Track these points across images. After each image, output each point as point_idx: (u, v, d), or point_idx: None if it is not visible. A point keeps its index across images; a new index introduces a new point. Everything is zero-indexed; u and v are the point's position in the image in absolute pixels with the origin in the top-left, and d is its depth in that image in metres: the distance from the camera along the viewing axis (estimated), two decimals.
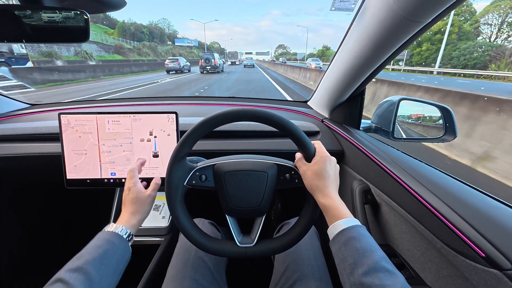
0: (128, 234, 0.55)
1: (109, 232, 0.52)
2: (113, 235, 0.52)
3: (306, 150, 0.54)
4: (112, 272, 0.47)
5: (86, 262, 0.44)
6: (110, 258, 0.48)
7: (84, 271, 0.43)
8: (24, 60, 14.96)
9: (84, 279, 0.42)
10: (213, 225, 0.83)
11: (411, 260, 0.60)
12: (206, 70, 21.27)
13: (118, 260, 0.50)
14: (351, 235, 0.43)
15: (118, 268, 0.49)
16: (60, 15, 0.55)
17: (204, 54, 22.91)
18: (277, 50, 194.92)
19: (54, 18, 0.55)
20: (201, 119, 0.53)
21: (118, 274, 0.49)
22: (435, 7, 0.48)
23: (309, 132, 0.99)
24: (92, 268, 0.44)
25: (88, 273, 0.43)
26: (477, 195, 0.51)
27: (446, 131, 0.88)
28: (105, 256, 0.47)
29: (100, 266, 0.45)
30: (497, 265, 0.38)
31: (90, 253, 0.47)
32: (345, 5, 0.85)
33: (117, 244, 0.51)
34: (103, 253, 0.47)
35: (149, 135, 0.83)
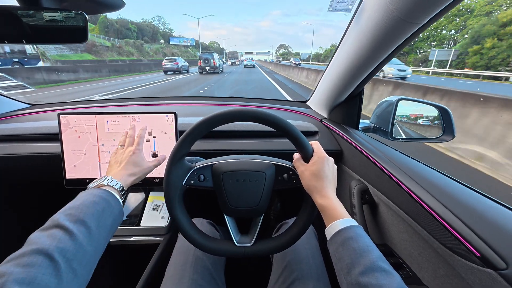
0: (122, 189, 0.54)
1: (105, 190, 0.50)
2: (109, 195, 0.49)
3: (304, 150, 0.54)
4: (107, 231, 0.46)
5: (86, 216, 0.42)
6: (106, 217, 0.46)
7: (85, 224, 0.41)
8: (36, 60, 15.80)
9: (85, 231, 0.40)
10: (211, 224, 0.83)
11: (409, 259, 0.60)
12: (205, 71, 20.59)
13: (113, 220, 0.48)
14: (348, 235, 0.43)
15: (112, 229, 0.48)
16: (59, 16, 0.55)
17: (203, 54, 22.15)
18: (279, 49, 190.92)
19: (53, 19, 0.55)
20: (200, 119, 0.53)
21: (111, 234, 0.48)
22: (431, 8, 0.48)
23: (307, 132, 1.00)
24: (92, 222, 0.42)
25: (89, 226, 0.41)
26: (473, 195, 0.51)
27: (444, 131, 0.88)
28: (103, 215, 0.45)
29: (98, 223, 0.43)
30: (492, 265, 0.38)
31: (88, 207, 0.44)
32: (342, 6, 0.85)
33: (113, 204, 0.49)
34: (101, 210, 0.45)
35: (147, 135, 0.83)
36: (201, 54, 22.67)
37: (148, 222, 0.94)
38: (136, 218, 0.96)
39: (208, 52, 27.71)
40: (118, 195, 0.52)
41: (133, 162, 0.60)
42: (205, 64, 20.52)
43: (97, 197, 0.47)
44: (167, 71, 20.64)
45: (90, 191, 0.49)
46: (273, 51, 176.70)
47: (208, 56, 20.88)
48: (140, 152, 0.62)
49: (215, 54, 22.41)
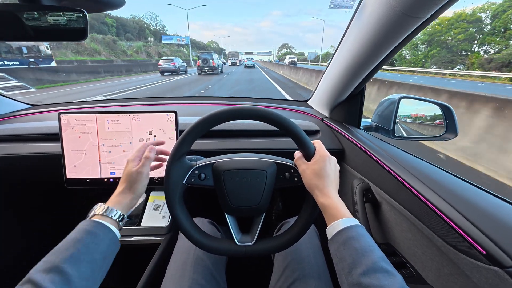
0: (119, 215, 0.50)
1: (90, 221, 0.46)
2: (96, 225, 0.45)
3: (306, 149, 0.54)
4: (97, 268, 0.42)
5: (62, 260, 0.38)
6: (92, 252, 0.42)
7: (60, 270, 0.37)
8: (49, 59, 16.60)
9: (60, 280, 0.36)
10: (212, 224, 0.83)
11: (412, 258, 0.59)
12: (204, 71, 19.50)
13: (104, 253, 0.44)
14: (349, 234, 0.42)
15: (104, 263, 0.44)
16: (58, 14, 0.55)
17: (202, 54, 20.93)
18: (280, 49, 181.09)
19: (52, 17, 0.55)
20: (200, 117, 0.53)
21: (104, 269, 0.44)
22: (434, 3, 0.47)
23: (309, 131, 0.99)
24: (69, 266, 0.38)
25: (65, 272, 0.37)
26: (477, 192, 0.51)
27: (447, 129, 0.88)
28: (86, 251, 0.41)
29: (79, 264, 0.39)
30: (498, 262, 0.38)
31: (67, 248, 0.41)
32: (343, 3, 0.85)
33: (101, 236, 0.45)
34: (83, 248, 0.41)
35: (148, 134, 0.83)
36: (199, 54, 21.80)
37: (148, 222, 0.94)
38: (137, 218, 0.96)
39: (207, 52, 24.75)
40: (111, 222, 0.48)
41: (124, 176, 0.55)
42: (204, 64, 19.47)
43: (81, 232, 0.44)
44: (163, 72, 19.75)
45: (79, 226, 0.45)
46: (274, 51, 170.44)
47: (207, 56, 19.79)
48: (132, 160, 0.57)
49: (215, 54, 21.39)
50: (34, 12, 0.54)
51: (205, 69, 19.48)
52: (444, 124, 0.88)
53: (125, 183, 0.55)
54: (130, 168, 0.56)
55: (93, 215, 0.49)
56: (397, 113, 0.90)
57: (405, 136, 0.97)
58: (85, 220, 0.47)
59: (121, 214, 0.50)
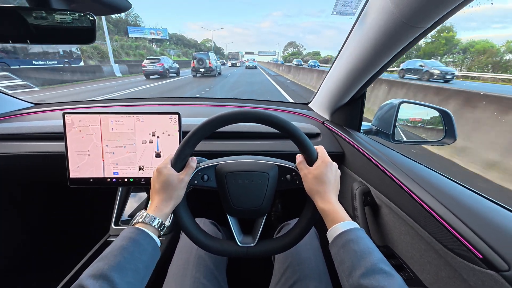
0: (160, 223, 0.50)
1: (135, 229, 0.46)
2: (140, 233, 0.46)
3: (308, 153, 0.55)
4: (139, 278, 0.42)
5: (110, 268, 0.39)
6: (136, 261, 0.42)
7: (108, 278, 0.38)
8: (79, 60, 19.06)
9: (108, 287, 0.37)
10: (214, 224, 0.84)
11: (410, 261, 0.60)
12: (200, 73, 17.10)
13: (146, 262, 0.44)
14: (349, 237, 0.43)
15: (146, 272, 0.44)
16: (67, 17, 0.56)
17: (197, 53, 17.89)
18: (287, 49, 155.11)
19: (61, 20, 0.56)
20: (204, 119, 0.53)
21: (146, 278, 0.44)
22: (434, 13, 0.49)
23: (310, 134, 1.00)
24: (116, 274, 0.39)
25: (112, 280, 0.38)
26: (475, 197, 0.52)
27: (446, 134, 0.89)
28: (131, 260, 0.42)
29: (125, 272, 0.40)
30: (494, 266, 0.39)
31: (115, 255, 0.41)
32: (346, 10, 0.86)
33: (144, 245, 0.45)
34: (129, 256, 0.42)
35: (151, 136, 0.84)
36: (195, 53, 18.30)
37: None
38: None
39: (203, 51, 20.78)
40: (152, 231, 0.48)
41: (161, 184, 0.52)
42: (199, 65, 16.93)
43: (126, 240, 0.44)
44: (149, 75, 16.11)
45: (124, 233, 0.46)
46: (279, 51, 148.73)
47: (203, 56, 17.08)
48: (165, 166, 0.54)
49: (212, 54, 18.27)
50: (44, 15, 0.55)
51: (201, 70, 17.10)
52: (443, 129, 0.90)
53: (164, 191, 0.52)
54: (168, 175, 0.53)
55: (136, 222, 0.49)
56: (397, 117, 0.91)
57: (405, 140, 0.98)
58: (129, 227, 0.47)
59: (161, 222, 0.50)
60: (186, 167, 0.56)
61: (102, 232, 0.97)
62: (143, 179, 0.86)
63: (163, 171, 0.53)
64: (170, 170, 0.53)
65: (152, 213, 0.50)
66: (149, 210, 0.51)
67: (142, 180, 0.86)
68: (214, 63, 18.03)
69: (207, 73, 17.43)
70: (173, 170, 0.53)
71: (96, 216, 1.13)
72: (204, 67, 17.06)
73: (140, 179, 0.86)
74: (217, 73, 18.70)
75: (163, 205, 0.52)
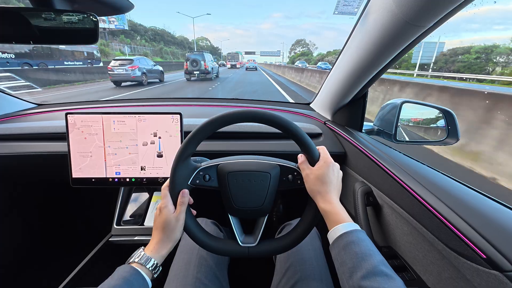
0: (155, 266, 0.51)
1: (130, 268, 0.48)
2: (134, 273, 0.47)
3: (311, 154, 0.55)
4: None
5: None
6: None
7: None
8: (98, 61, 20.68)
9: None
10: (215, 224, 0.84)
11: (413, 262, 0.60)
12: (194, 76, 14.95)
13: None
14: (350, 239, 0.43)
15: None
16: (70, 17, 0.56)
17: (191, 54, 15.43)
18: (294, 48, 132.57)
19: (64, 21, 0.56)
20: (206, 119, 0.54)
21: None
22: (437, 12, 0.48)
23: (311, 134, 1.00)
24: None
25: None
26: (478, 197, 0.51)
27: (448, 134, 0.88)
28: None
29: None
30: (498, 266, 0.38)
31: None
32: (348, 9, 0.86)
33: (135, 286, 0.46)
34: None
35: (153, 136, 0.84)
36: (188, 54, 15.72)
37: (152, 221, 0.95)
38: (140, 217, 0.97)
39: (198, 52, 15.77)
40: (146, 272, 0.49)
41: (160, 224, 0.54)
42: (193, 67, 14.64)
43: (120, 280, 0.45)
44: (118, 82, 12.16)
45: (120, 271, 0.48)
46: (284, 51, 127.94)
47: (197, 57, 14.78)
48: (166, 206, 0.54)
49: (207, 54, 16.04)
50: (47, 15, 0.56)
51: (195, 73, 14.83)
52: (446, 128, 0.89)
53: (163, 232, 0.53)
54: (167, 216, 0.54)
55: (133, 261, 0.50)
56: (399, 117, 0.91)
57: (407, 140, 0.98)
58: (125, 266, 0.49)
59: (156, 264, 0.51)
60: (178, 205, 0.55)
61: (104, 232, 0.97)
62: (145, 179, 0.87)
63: (163, 211, 0.54)
64: (169, 210, 0.54)
65: (149, 253, 0.51)
66: (147, 249, 0.52)
67: (144, 180, 0.87)
68: (210, 64, 15.80)
69: (202, 76, 15.16)
70: (172, 209, 0.55)
71: (98, 216, 1.13)
72: (199, 69, 14.83)
73: (142, 179, 0.87)
74: (213, 76, 16.51)
75: (161, 246, 0.53)
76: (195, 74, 14.87)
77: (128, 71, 11.77)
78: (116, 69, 11.69)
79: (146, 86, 12.48)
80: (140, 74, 12.28)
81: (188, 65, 14.78)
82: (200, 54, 15.30)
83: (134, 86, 12.27)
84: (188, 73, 14.91)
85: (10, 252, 1.15)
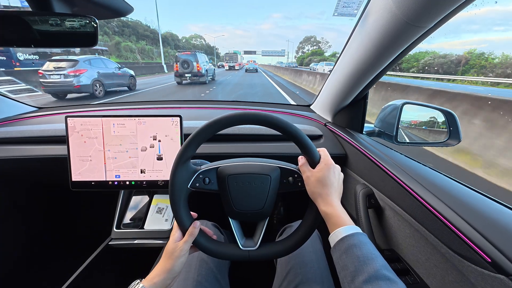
0: None
1: None
2: None
3: (311, 155, 0.54)
4: None
5: None
6: None
7: None
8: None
9: None
10: (216, 227, 0.83)
11: (416, 265, 0.59)
12: (185, 79, 13.23)
13: None
14: (351, 242, 0.43)
15: None
16: (69, 21, 0.56)
17: (181, 54, 13.51)
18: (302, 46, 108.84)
19: (63, 24, 0.56)
20: (206, 122, 0.53)
21: None
22: (437, 13, 0.48)
23: (312, 136, 1.00)
24: None
25: None
26: (481, 199, 0.51)
27: (450, 135, 0.88)
28: None
29: None
30: (504, 270, 0.38)
31: None
32: (347, 11, 0.86)
33: None
34: None
35: (152, 140, 0.84)
36: (178, 54, 13.66)
37: (152, 225, 0.94)
38: (140, 221, 0.96)
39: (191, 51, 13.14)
40: None
41: (164, 252, 0.53)
42: (184, 69, 12.92)
43: None
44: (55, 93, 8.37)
45: None
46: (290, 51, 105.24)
47: (189, 58, 12.99)
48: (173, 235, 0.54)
49: (201, 54, 14.20)
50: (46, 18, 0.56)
51: (186, 75, 13.01)
52: (447, 130, 0.89)
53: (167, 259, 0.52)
54: (169, 243, 0.53)
55: None
56: (400, 118, 0.90)
57: (408, 141, 0.97)
58: None
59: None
60: (187, 235, 0.54)
61: (103, 235, 0.97)
62: (144, 182, 0.86)
63: (171, 238, 0.54)
64: (174, 238, 0.53)
65: (147, 285, 0.50)
66: (145, 281, 0.51)
67: (144, 183, 0.86)
68: (204, 66, 13.88)
69: (195, 79, 13.35)
70: (178, 238, 0.53)
71: (98, 219, 1.13)
72: (191, 71, 13.01)
73: (141, 182, 0.86)
74: (208, 79, 14.57)
75: (159, 278, 0.51)
76: (186, 77, 13.07)
77: (68, 77, 7.91)
78: (50, 75, 7.83)
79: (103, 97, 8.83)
80: (90, 82, 8.37)
81: (178, 67, 13.02)
82: (192, 54, 13.45)
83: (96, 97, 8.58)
84: (178, 76, 13.18)
85: (10, 255, 1.14)
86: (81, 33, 0.56)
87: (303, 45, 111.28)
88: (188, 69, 13.00)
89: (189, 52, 13.70)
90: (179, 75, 13.08)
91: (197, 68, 13.10)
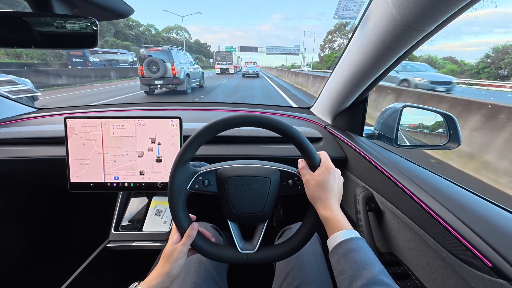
0: None
1: None
2: None
3: (311, 158, 0.54)
4: None
5: None
6: None
7: None
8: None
9: None
10: (215, 229, 0.83)
11: (416, 269, 0.59)
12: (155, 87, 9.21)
13: None
14: (350, 247, 0.42)
15: None
16: (70, 22, 0.56)
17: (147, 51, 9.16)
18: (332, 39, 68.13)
19: (64, 25, 0.56)
20: (206, 123, 0.53)
21: None
22: (437, 16, 0.48)
23: (312, 138, 1.00)
24: None
25: None
26: (482, 203, 0.50)
27: (450, 139, 0.88)
28: None
29: None
30: (505, 275, 0.37)
31: None
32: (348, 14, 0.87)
33: None
34: None
35: (151, 143, 0.84)
36: (142, 51, 9.30)
37: (150, 227, 0.94)
38: (139, 223, 0.96)
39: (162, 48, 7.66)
40: None
41: (162, 255, 0.52)
42: (152, 73, 8.87)
43: None
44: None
45: None
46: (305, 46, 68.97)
47: (160, 57, 8.93)
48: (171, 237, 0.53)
49: (181, 53, 10.19)
50: (47, 20, 0.56)
51: (156, 82, 8.99)
52: (447, 133, 0.89)
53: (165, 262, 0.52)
54: (167, 246, 0.53)
55: None
56: (400, 121, 0.90)
57: (408, 144, 0.97)
58: None
59: None
60: (185, 236, 0.53)
61: (102, 237, 0.96)
62: (143, 184, 0.86)
63: (169, 241, 0.53)
64: (172, 240, 0.53)
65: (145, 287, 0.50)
66: (143, 283, 0.50)
67: (143, 184, 0.86)
68: (182, 69, 9.53)
69: (169, 87, 9.39)
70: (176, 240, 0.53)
71: (96, 221, 1.12)
72: (162, 76, 8.94)
73: (140, 184, 0.86)
74: (188, 87, 10.00)
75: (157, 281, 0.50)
76: (156, 85, 9.06)
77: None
78: None
79: None
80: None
81: (144, 70, 8.80)
82: (164, 51, 9.16)
83: None
84: (146, 84, 9.04)
85: (9, 257, 1.13)
86: (81, 34, 0.56)
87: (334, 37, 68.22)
88: (157, 73, 8.82)
89: (160, 49, 9.23)
90: (146, 81, 8.98)
91: (171, 72, 8.99)
